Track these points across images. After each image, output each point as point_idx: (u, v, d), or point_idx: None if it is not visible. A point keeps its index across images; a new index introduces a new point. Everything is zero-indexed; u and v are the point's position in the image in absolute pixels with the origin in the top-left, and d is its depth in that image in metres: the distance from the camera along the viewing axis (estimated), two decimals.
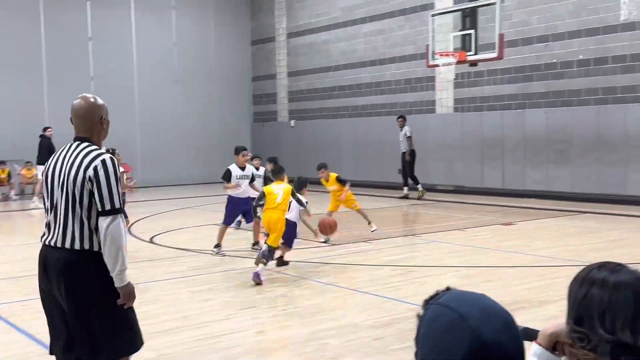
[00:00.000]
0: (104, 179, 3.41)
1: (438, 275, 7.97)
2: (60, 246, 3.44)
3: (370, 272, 8.21)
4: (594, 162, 14.60)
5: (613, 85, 14.30)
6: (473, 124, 16.92)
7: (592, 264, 1.93)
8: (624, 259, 8.45)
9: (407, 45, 18.54)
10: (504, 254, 9.14)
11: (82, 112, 3.56)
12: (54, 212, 3.51)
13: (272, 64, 23.43)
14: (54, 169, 3.55)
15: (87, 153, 3.48)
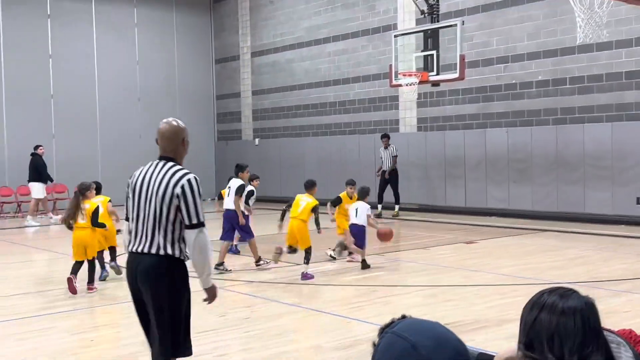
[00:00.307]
0: (190, 196, 3.92)
1: (401, 295, 8.04)
2: (147, 252, 3.93)
3: (334, 293, 8.24)
4: (554, 181, 14.93)
5: (571, 106, 14.69)
6: (436, 143, 17.17)
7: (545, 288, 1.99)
8: (582, 277, 8.70)
9: (370, 65, 18.76)
10: (466, 273, 9.27)
11: (168, 135, 4.11)
12: (141, 222, 3.97)
13: (236, 83, 23.45)
14: (142, 183, 4.03)
15: (174, 172, 4.00)
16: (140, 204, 4.01)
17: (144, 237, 3.96)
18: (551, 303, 1.85)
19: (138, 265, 3.95)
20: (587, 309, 1.83)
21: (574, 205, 14.64)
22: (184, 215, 3.90)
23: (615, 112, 14.01)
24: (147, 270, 3.92)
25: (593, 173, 14.30)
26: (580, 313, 1.82)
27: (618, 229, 13.26)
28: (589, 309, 1.83)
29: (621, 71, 13.86)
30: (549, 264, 9.78)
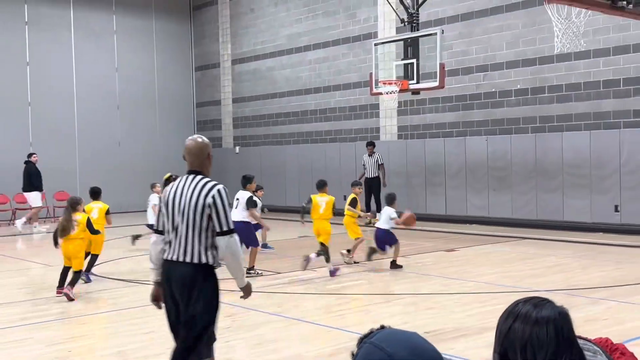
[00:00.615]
0: (220, 205, 4.29)
1: (382, 304, 8.07)
2: (182, 260, 4.25)
3: (315, 301, 8.26)
4: (533, 189, 15.09)
5: (550, 114, 14.88)
6: (416, 151, 17.28)
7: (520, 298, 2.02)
8: (560, 285, 8.80)
9: (351, 73, 18.86)
10: (446, 281, 9.33)
11: (195, 151, 4.46)
12: (175, 232, 4.30)
13: (216, 90, 23.42)
14: (174, 196, 4.37)
15: (204, 184, 4.35)
16: (175, 216, 4.35)
17: (178, 246, 4.30)
18: (525, 312, 1.88)
19: (174, 272, 4.28)
20: (560, 318, 1.86)
21: (552, 213, 14.80)
22: (215, 223, 4.27)
23: (593, 120, 14.21)
24: (186, 278, 4.24)
25: (571, 181, 14.48)
26: (554, 323, 1.85)
27: (596, 237, 13.43)
28: (563, 318, 1.87)
29: (599, 80, 14.08)
30: (528, 272, 9.88)
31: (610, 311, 7.38)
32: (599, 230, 14.04)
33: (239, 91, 22.58)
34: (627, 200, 13.68)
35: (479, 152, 16.01)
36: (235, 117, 22.86)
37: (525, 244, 12.97)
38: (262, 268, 10.67)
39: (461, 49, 16.28)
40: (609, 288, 8.57)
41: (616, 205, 13.85)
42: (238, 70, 22.58)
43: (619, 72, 13.79)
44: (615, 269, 9.98)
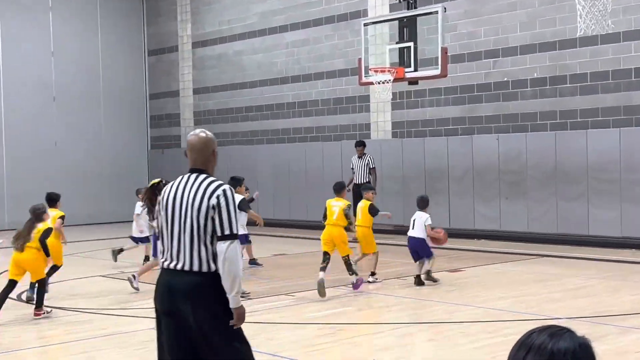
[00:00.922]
0: (224, 206, 4.42)
1: (372, 335, 8.09)
2: (187, 270, 4.37)
3: (293, 332, 8.25)
4: (552, 197, 15.22)
5: (572, 108, 15.03)
6: (414, 152, 17.36)
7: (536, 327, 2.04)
8: (585, 311, 8.88)
9: (336, 59, 18.91)
10: (450, 307, 9.37)
11: (199, 147, 4.65)
12: (177, 239, 4.44)
13: (174, 79, 23.36)
14: (174, 198, 4.52)
15: (208, 183, 4.51)
16: (174, 219, 4.49)
17: (181, 254, 4.42)
18: (540, 344, 1.90)
19: (177, 284, 4.38)
20: (580, 351, 1.88)
21: (576, 225, 14.94)
22: (217, 225, 4.40)
23: (623, 115, 14.38)
24: (191, 289, 4.34)
25: (598, 188, 14.63)
26: (572, 356, 1.87)
27: (628, 254, 13.56)
28: (583, 351, 1.89)
29: (630, 68, 14.25)
30: (547, 296, 9.95)
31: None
32: (630, 247, 14.18)
33: (202, 80, 22.54)
34: None
35: (489, 154, 16.12)
36: (196, 112, 22.81)
37: (543, 262, 13.06)
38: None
39: (467, 31, 16.41)
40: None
41: None
42: (200, 55, 22.55)
43: None
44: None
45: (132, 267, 13.48)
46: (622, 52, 14.33)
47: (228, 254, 4.34)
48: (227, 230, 4.38)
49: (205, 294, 4.34)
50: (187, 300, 4.30)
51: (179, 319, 4.32)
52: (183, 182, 4.60)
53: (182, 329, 4.32)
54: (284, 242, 16.90)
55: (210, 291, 4.35)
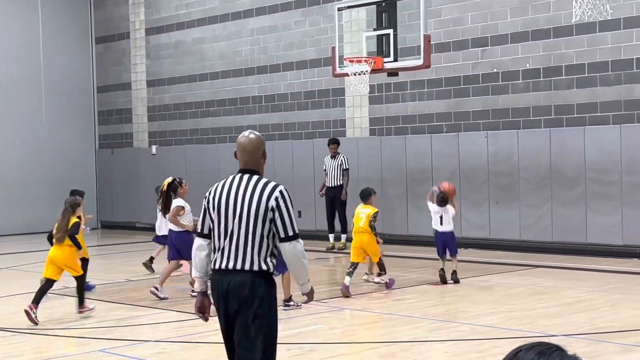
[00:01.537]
0: (284, 207, 5.08)
1: (347, 355, 8.06)
2: (239, 269, 5.04)
3: None
4: (547, 201, 15.32)
5: (568, 103, 15.15)
6: (394, 151, 17.39)
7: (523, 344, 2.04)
8: (582, 327, 8.94)
9: (307, 48, 18.90)
10: (434, 324, 9.38)
11: (250, 148, 5.32)
12: (229, 238, 5.09)
13: (125, 70, 23.20)
14: (227, 198, 5.15)
15: (264, 185, 5.15)
16: (228, 220, 5.12)
17: (234, 254, 5.07)
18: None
19: (230, 282, 5.04)
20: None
21: (573, 233, 15.05)
22: (279, 227, 5.07)
23: (624, 110, 14.52)
24: (242, 288, 5.01)
25: (597, 191, 14.75)
26: None
27: (630, 264, 13.68)
28: None
29: (631, 58, 14.40)
30: (542, 311, 10.01)
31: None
32: (633, 256, 14.31)
33: (156, 71, 22.41)
34: None
35: (477, 153, 16.19)
36: (150, 106, 22.68)
37: (537, 274, 13.13)
38: (186, 309, 10.58)
39: (452, 17, 16.48)
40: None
41: None
42: (155, 43, 22.42)
43: None
44: None
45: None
46: (622, 40, 14.47)
47: (297, 254, 5.11)
48: (290, 231, 5.08)
49: (258, 292, 5.01)
50: (241, 297, 5.00)
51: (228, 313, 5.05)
52: (235, 182, 5.22)
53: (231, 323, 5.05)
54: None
55: (259, 290, 5.02)
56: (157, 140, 22.58)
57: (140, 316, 10.30)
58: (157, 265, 13.54)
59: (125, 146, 23.41)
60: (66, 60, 23.34)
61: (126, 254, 17.63)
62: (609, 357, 7.61)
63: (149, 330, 9.55)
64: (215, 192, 5.24)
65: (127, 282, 13.29)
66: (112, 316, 10.37)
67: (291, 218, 5.12)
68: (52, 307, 11.06)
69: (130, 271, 14.52)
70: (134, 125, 23.16)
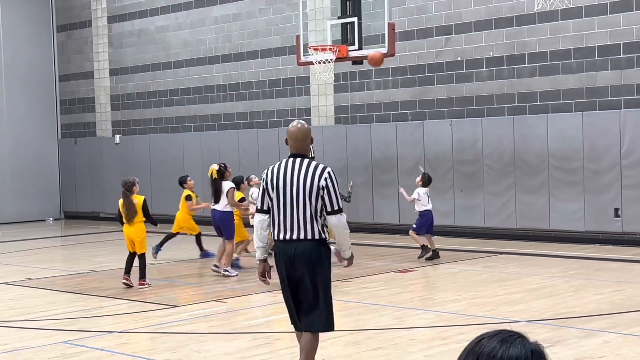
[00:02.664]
0: (331, 186, 6.12)
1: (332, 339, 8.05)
2: (303, 238, 6.09)
3: (224, 343, 8.22)
4: (510, 189, 15.46)
5: (531, 91, 15.28)
6: (359, 140, 17.42)
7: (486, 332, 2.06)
8: (545, 313, 9.05)
9: (271, 36, 18.85)
10: (399, 312, 9.45)
11: (301, 137, 6.27)
12: (289, 213, 6.10)
13: (87, 59, 22.98)
14: (284, 179, 6.13)
15: (315, 167, 6.16)
16: (286, 197, 6.10)
17: (296, 226, 6.09)
18: (489, 351, 1.92)
19: (296, 250, 6.08)
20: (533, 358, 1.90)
21: (536, 220, 15.21)
22: (327, 202, 6.09)
23: (586, 98, 14.68)
24: (309, 254, 6.08)
25: (560, 178, 14.91)
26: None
27: (592, 250, 13.87)
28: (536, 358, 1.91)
29: (593, 46, 14.55)
30: (505, 297, 10.11)
31: (609, 346, 7.63)
32: (594, 242, 14.51)
33: (119, 60, 22.22)
34: (630, 202, 14.20)
35: (441, 141, 16.28)
36: (114, 95, 22.49)
37: (501, 260, 13.27)
38: (151, 300, 10.54)
39: (416, 5, 16.52)
40: (608, 316, 8.85)
41: (616, 208, 14.36)
42: (117, 31, 22.22)
43: (619, 36, 14.30)
44: (615, 291, 10.34)
45: (38, 271, 13.29)
46: (584, 28, 14.61)
47: (340, 224, 6.17)
48: (336, 205, 6.10)
49: (318, 255, 6.09)
50: (308, 262, 6.05)
51: (296, 279, 6.09)
52: (290, 165, 6.17)
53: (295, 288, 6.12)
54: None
55: (321, 254, 6.12)
56: (120, 129, 22.40)
57: (104, 307, 10.24)
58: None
59: (88, 135, 23.21)
60: (27, 49, 23.07)
61: (90, 244, 17.51)
62: (571, 342, 7.71)
63: (113, 321, 9.50)
64: (272, 174, 6.16)
65: (91, 272, 13.20)
66: (76, 307, 10.30)
67: (337, 194, 6.12)
68: (15, 299, 10.99)
69: (94, 262, 14.43)
70: (97, 115, 22.96)
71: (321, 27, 15.71)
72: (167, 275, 12.71)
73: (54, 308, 10.24)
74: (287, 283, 6.18)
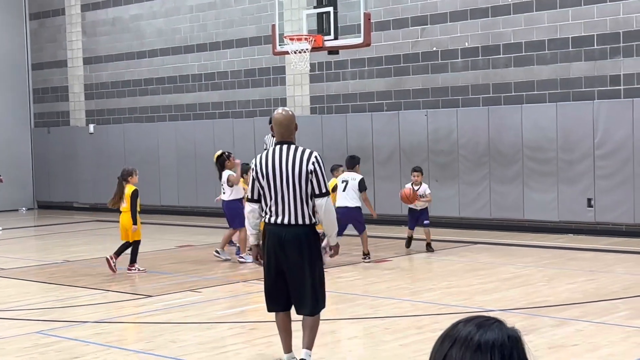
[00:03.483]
0: (319, 170, 6.34)
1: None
2: (294, 223, 6.29)
3: (200, 333, 8.21)
4: (485, 179, 15.55)
5: (505, 81, 15.36)
6: (335, 130, 17.43)
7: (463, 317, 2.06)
8: (519, 302, 9.13)
9: (247, 26, 18.79)
10: (374, 301, 9.50)
11: (286, 123, 6.45)
12: (280, 199, 6.30)
13: (60, 47, 22.79)
14: (273, 166, 6.31)
15: (302, 152, 6.35)
16: (276, 183, 6.31)
17: (287, 210, 6.30)
18: (465, 336, 1.92)
19: (287, 234, 6.28)
20: (509, 344, 1.91)
21: (510, 210, 15.31)
22: (315, 186, 6.30)
23: (560, 89, 14.78)
24: (299, 238, 6.29)
25: (534, 168, 15.01)
26: (500, 349, 1.89)
27: (565, 240, 13.99)
28: (512, 344, 1.92)
29: (567, 37, 14.64)
30: (479, 287, 10.18)
31: (582, 334, 7.72)
32: (568, 231, 14.63)
33: (93, 48, 22.06)
34: (603, 193, 14.33)
35: (417, 131, 16.33)
36: (87, 85, 22.33)
37: (475, 250, 13.36)
38: (125, 290, 10.51)
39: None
40: (580, 305, 8.95)
41: (589, 198, 14.49)
42: (91, 20, 22.04)
43: (593, 27, 14.39)
44: (587, 281, 10.45)
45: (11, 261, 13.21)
46: (558, 19, 14.69)
47: (326, 207, 6.35)
48: (324, 189, 6.34)
49: (308, 239, 6.30)
50: (295, 247, 6.25)
51: (284, 263, 6.27)
52: (277, 152, 6.35)
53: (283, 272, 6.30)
54: (189, 232, 16.77)
55: (310, 238, 6.34)
56: (94, 119, 22.26)
57: (78, 297, 10.18)
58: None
59: (61, 125, 23.03)
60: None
61: (64, 234, 17.41)
62: (544, 331, 7.78)
63: (87, 311, 9.46)
64: (262, 162, 6.36)
65: (64, 262, 13.13)
66: (50, 297, 10.25)
67: (324, 178, 6.37)
68: None
69: (68, 252, 14.35)
70: (70, 104, 22.79)
71: (297, 16, 15.67)
72: (142, 265, 12.66)
73: (27, 298, 10.18)
74: (273, 266, 6.34)
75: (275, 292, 6.47)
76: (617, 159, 14.16)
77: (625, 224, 14.24)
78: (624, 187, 14.10)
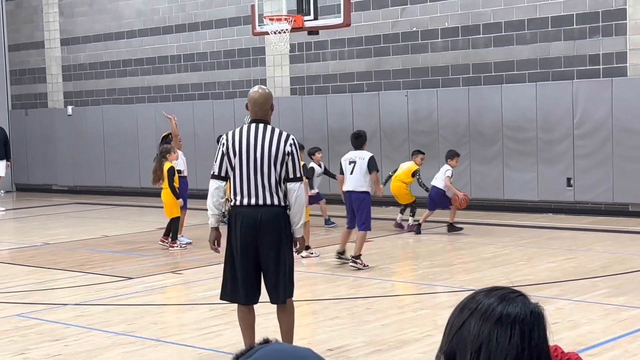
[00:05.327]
0: (295, 153, 6.10)
1: (270, 314, 8.07)
2: (269, 204, 5.99)
3: (180, 315, 8.21)
4: (465, 159, 15.57)
5: (485, 61, 15.37)
6: (315, 110, 17.40)
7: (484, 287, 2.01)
8: (499, 281, 9.16)
9: (226, 6, 18.67)
10: (356, 282, 9.51)
11: (261, 101, 6.19)
12: (254, 179, 6.00)
13: (37, 28, 22.57)
14: (247, 144, 6.03)
15: (279, 133, 6.11)
16: (249, 162, 6.00)
17: (261, 191, 6.00)
18: (486, 307, 1.87)
19: (263, 215, 5.97)
20: (531, 320, 1.87)
21: (490, 189, 15.37)
22: (290, 169, 6.05)
23: (539, 69, 14.81)
24: (278, 218, 6.02)
25: (513, 148, 15.07)
26: (521, 324, 1.85)
27: (544, 219, 14.09)
28: (535, 320, 1.88)
29: (546, 16, 14.66)
30: (459, 266, 10.24)
31: (562, 312, 7.77)
32: (547, 211, 14.71)
33: (71, 29, 21.85)
34: (582, 172, 14.41)
35: (397, 112, 16.33)
36: (65, 66, 22.14)
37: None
38: (105, 272, 10.48)
39: None
40: (560, 284, 9.02)
41: (569, 178, 14.56)
42: (68, 0, 21.82)
43: (572, 6, 14.42)
44: (567, 259, 10.52)
45: None
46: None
47: (299, 192, 6.06)
48: (298, 173, 6.08)
49: (279, 221, 6.01)
50: (268, 228, 5.95)
51: (255, 245, 5.96)
52: (252, 130, 6.08)
53: (255, 254, 5.98)
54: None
55: (287, 220, 6.07)
56: (72, 100, 22.09)
57: (58, 280, 10.13)
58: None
59: (39, 107, 22.84)
60: None
61: (43, 217, 17.30)
62: None
63: (68, 293, 9.41)
64: (234, 139, 6.05)
65: (44, 245, 13.05)
66: (30, 280, 10.19)
67: (299, 162, 6.18)
68: None
69: (47, 234, 14.26)
70: (48, 85, 22.60)
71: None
72: (123, 248, 12.61)
73: (7, 281, 10.12)
74: (250, 251, 5.99)
75: (250, 282, 6.07)
76: (596, 138, 14.23)
77: (604, 202, 14.34)
78: (603, 166, 14.19)
